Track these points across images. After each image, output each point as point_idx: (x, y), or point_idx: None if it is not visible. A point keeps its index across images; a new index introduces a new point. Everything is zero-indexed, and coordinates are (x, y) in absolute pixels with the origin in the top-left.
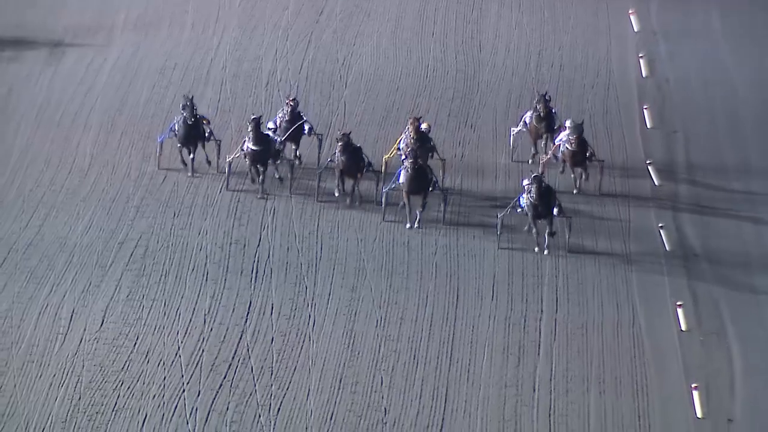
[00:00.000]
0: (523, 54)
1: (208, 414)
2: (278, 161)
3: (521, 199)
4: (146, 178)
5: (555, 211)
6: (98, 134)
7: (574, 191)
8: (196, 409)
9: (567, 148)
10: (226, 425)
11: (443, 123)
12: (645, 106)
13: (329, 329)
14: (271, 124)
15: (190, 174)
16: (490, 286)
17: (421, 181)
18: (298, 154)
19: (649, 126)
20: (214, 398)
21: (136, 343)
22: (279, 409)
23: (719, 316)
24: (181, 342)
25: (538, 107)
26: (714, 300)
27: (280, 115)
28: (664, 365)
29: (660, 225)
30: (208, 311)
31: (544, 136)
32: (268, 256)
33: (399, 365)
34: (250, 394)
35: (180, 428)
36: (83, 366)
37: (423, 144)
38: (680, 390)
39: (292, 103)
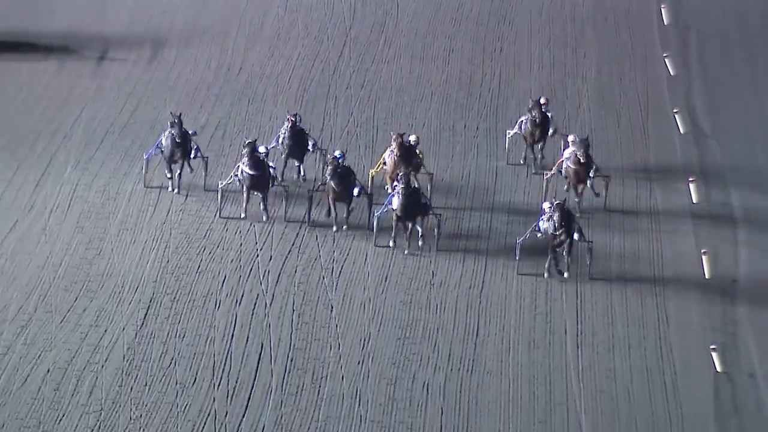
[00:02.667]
0: None
1: (279, 276)
2: (273, 186)
3: (541, 222)
4: (224, 69)
5: (575, 236)
6: (182, 31)
7: (577, 212)
8: (268, 272)
9: (570, 165)
10: (294, 286)
11: (480, 39)
12: (662, 5)
13: None
14: (262, 149)
15: (176, 191)
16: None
17: (414, 206)
18: (302, 171)
19: (666, 23)
20: (284, 262)
21: (216, 214)
22: (340, 272)
23: (726, 189)
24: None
25: (533, 113)
26: (721, 175)
27: (282, 131)
28: (676, 235)
29: (675, 110)
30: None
31: (540, 142)
32: (330, 140)
33: (442, 265)
34: (315, 259)
35: (254, 288)
36: (170, 234)
37: (409, 159)
38: (691, 255)
39: (293, 119)
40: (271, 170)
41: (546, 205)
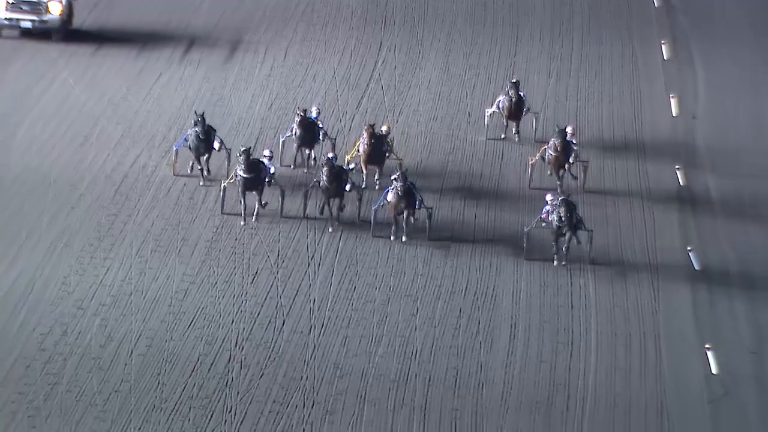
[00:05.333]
0: None
1: (353, 119)
2: (269, 186)
3: (545, 214)
4: None
5: (577, 229)
6: None
7: (558, 191)
8: (345, 115)
9: (551, 153)
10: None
11: None
12: None
13: (431, 67)
14: (267, 152)
15: (202, 183)
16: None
17: (408, 201)
18: (313, 156)
19: None
20: (357, 107)
21: (308, 70)
22: (400, 112)
23: (690, 50)
24: (336, 68)
25: (510, 93)
26: (687, 38)
27: (294, 124)
28: (651, 81)
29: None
30: (353, 49)
31: (516, 118)
32: (380, 48)
33: (476, 107)
34: (380, 104)
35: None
36: (274, 83)
37: (380, 147)
38: (661, 97)
39: (302, 114)
40: (269, 169)
41: (549, 197)
